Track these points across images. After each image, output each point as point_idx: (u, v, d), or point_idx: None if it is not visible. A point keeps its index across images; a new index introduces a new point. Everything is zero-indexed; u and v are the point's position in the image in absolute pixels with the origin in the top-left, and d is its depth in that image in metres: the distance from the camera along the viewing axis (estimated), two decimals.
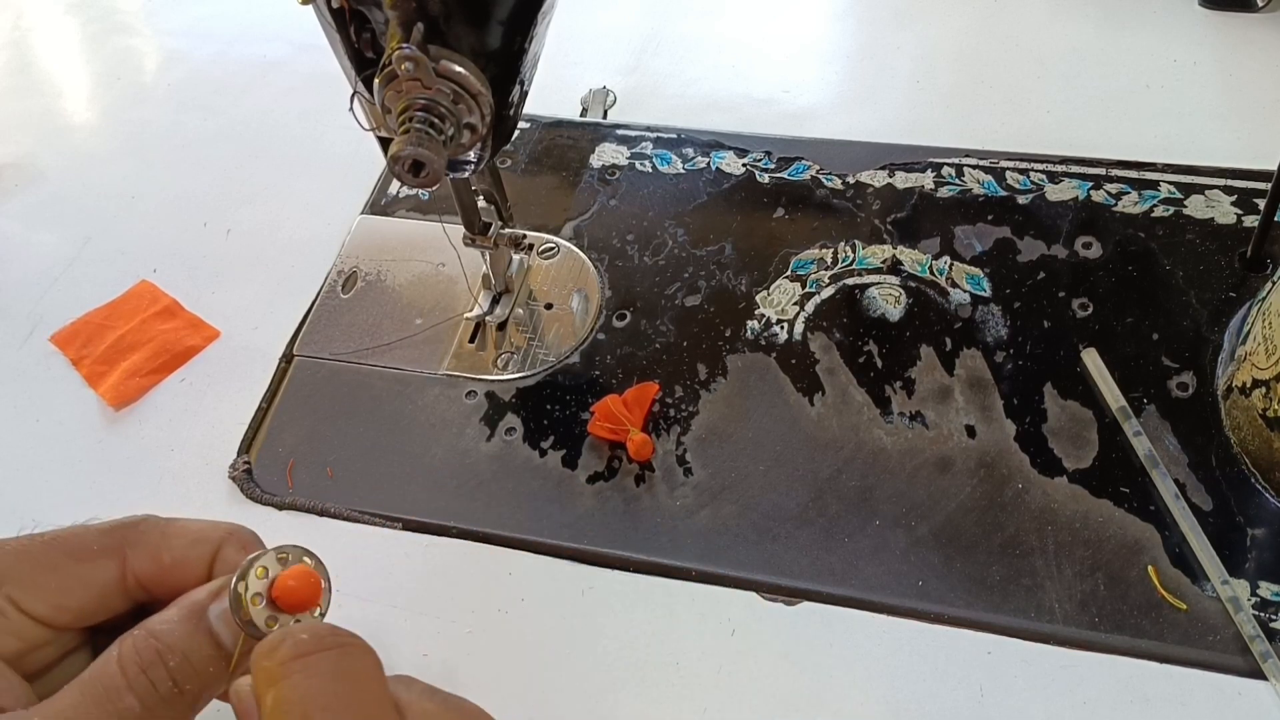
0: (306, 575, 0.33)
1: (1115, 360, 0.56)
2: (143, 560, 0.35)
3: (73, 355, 0.64)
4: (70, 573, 0.35)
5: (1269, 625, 0.47)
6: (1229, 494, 0.51)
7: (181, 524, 0.37)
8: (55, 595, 0.34)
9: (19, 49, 0.88)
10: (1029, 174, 0.65)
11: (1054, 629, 0.48)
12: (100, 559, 0.35)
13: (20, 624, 0.34)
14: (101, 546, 0.35)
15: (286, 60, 0.82)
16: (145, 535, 0.36)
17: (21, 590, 0.34)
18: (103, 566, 0.35)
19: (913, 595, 0.50)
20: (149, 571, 0.35)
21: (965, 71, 0.74)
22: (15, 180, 0.76)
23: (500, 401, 0.59)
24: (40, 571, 0.35)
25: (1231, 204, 0.62)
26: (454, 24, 0.43)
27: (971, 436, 0.55)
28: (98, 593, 0.35)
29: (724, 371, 0.59)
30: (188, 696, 0.33)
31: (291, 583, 0.33)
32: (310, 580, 0.33)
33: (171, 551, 0.35)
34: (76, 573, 0.35)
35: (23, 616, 0.34)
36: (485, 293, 0.63)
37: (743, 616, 0.50)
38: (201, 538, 0.36)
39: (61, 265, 0.70)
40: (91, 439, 0.61)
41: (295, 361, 0.63)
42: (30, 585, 0.34)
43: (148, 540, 0.36)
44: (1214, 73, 0.71)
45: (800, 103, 0.74)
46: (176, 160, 0.76)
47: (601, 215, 0.67)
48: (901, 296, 0.61)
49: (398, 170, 0.43)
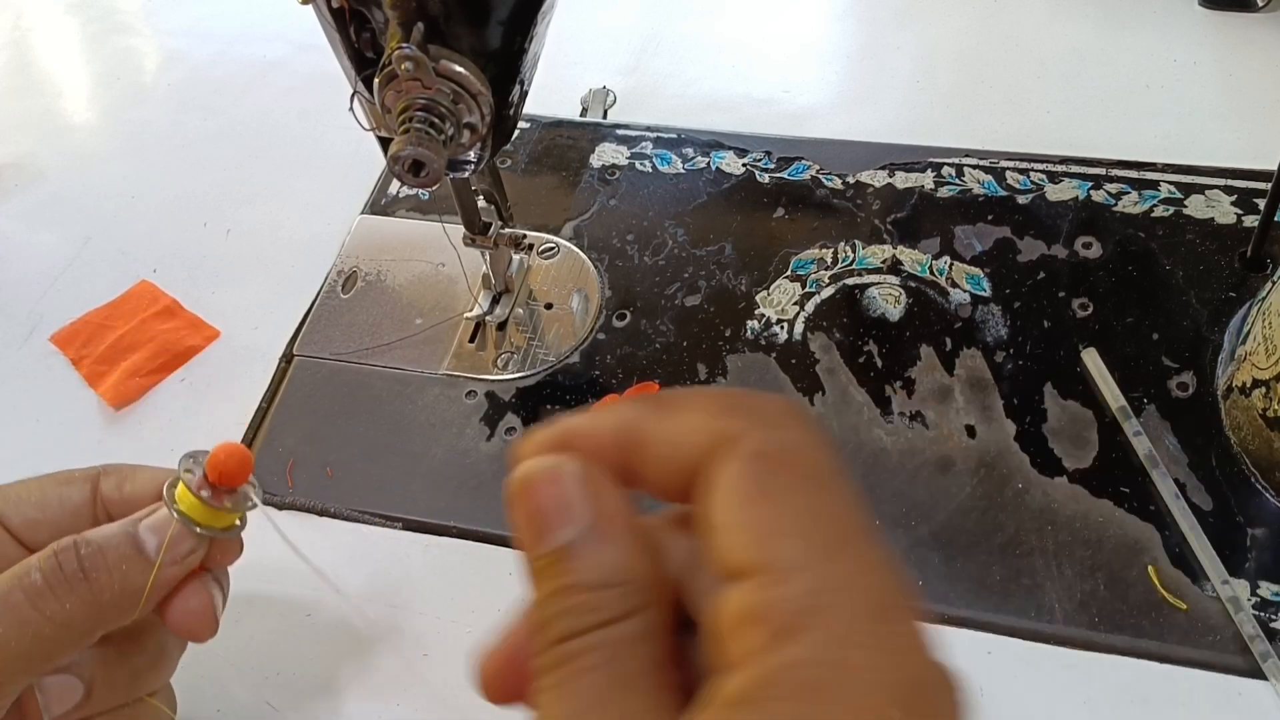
0: (230, 448, 0.38)
1: (1115, 360, 0.56)
2: (110, 487, 0.40)
3: (73, 355, 0.64)
4: (51, 491, 0.40)
5: (1269, 625, 0.47)
6: (1229, 494, 0.51)
7: (149, 468, 0.42)
8: (34, 509, 0.39)
9: (19, 49, 0.88)
10: (1029, 174, 0.65)
11: (1054, 629, 0.48)
12: (77, 483, 0.40)
13: (2, 544, 0.38)
14: (81, 474, 0.41)
15: (286, 60, 0.82)
16: (117, 469, 0.41)
17: (6, 506, 0.39)
18: (78, 488, 0.40)
19: (913, 595, 0.50)
20: (114, 499, 0.40)
21: (965, 71, 0.74)
22: (15, 180, 0.76)
23: (500, 401, 0.59)
24: (26, 489, 0.40)
25: (1231, 204, 0.62)
26: (454, 24, 0.43)
27: (971, 436, 0.55)
28: (71, 511, 0.39)
29: (724, 371, 0.59)
30: (94, 586, 0.35)
31: (222, 455, 0.37)
32: (235, 451, 0.38)
33: (134, 483, 0.40)
34: (56, 491, 0.40)
35: (4, 532, 0.38)
36: (485, 293, 0.63)
37: None
38: (161, 475, 0.40)
39: (61, 265, 0.70)
40: (91, 439, 0.61)
41: (295, 361, 0.63)
42: (15, 500, 0.39)
43: (118, 472, 0.41)
44: (1214, 73, 0.71)
45: (800, 103, 0.74)
46: (176, 160, 0.76)
47: (601, 215, 0.67)
48: (901, 296, 0.61)
49: (398, 170, 0.43)
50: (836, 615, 0.20)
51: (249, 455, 0.38)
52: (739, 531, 0.21)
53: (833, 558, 0.21)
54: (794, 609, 0.20)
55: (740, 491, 0.22)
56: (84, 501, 0.40)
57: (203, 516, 0.37)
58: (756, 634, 0.20)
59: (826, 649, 0.20)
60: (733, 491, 0.22)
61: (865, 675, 0.20)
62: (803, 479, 0.22)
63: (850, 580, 0.21)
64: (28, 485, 0.40)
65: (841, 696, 0.19)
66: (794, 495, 0.21)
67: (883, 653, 0.20)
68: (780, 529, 0.21)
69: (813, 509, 0.21)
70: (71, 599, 0.35)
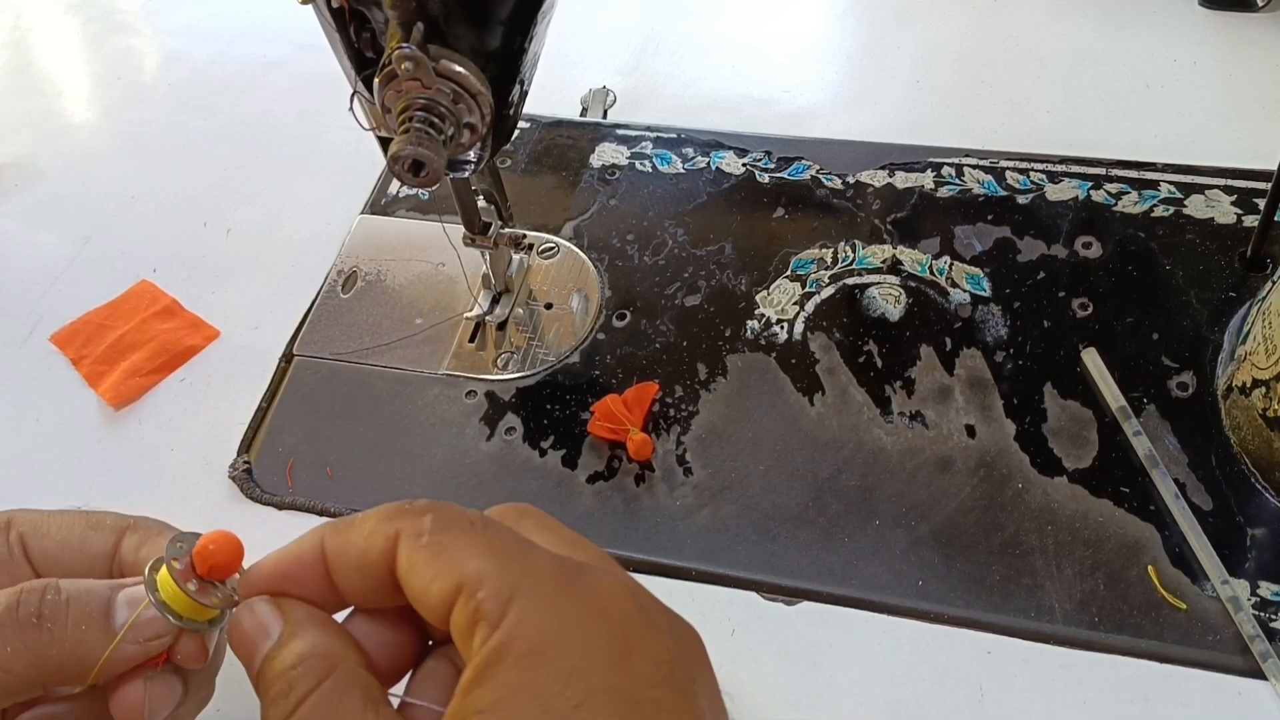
0: (221, 539, 0.35)
1: (1115, 360, 0.56)
2: (130, 546, 0.38)
3: (73, 355, 0.64)
4: (76, 532, 0.37)
5: (1269, 625, 0.47)
6: (1229, 494, 0.51)
7: (169, 531, 0.39)
8: (56, 546, 0.37)
9: (19, 49, 0.88)
10: (1029, 174, 0.65)
11: (1054, 629, 0.48)
12: (105, 531, 0.38)
13: (20, 566, 0.36)
14: (112, 522, 0.38)
15: (286, 60, 0.83)
16: (145, 527, 0.38)
17: (33, 534, 0.37)
18: (103, 538, 0.38)
19: (913, 595, 0.50)
20: (129, 559, 0.37)
21: (965, 71, 0.74)
22: (15, 180, 0.76)
23: (500, 401, 0.59)
24: (56, 522, 0.38)
25: (1231, 204, 0.62)
26: (454, 24, 0.43)
27: (971, 436, 0.55)
28: (88, 560, 0.37)
29: (724, 371, 0.59)
30: (43, 637, 0.32)
31: (211, 546, 0.34)
32: (226, 543, 0.35)
33: (150, 548, 0.37)
34: (81, 534, 0.37)
35: (24, 560, 0.36)
36: (485, 292, 0.63)
37: (743, 616, 0.50)
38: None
39: (61, 265, 0.70)
40: (91, 439, 0.61)
41: (295, 361, 0.63)
42: (42, 530, 0.37)
43: (144, 531, 0.38)
44: (1214, 73, 0.71)
45: (800, 103, 0.74)
46: (176, 160, 0.76)
47: (601, 215, 0.67)
48: (901, 296, 0.61)
49: (398, 170, 0.43)
50: (529, 594, 0.26)
51: (240, 548, 0.35)
52: (432, 580, 0.27)
53: (506, 562, 0.27)
54: (493, 603, 0.26)
55: (417, 559, 0.28)
56: (104, 553, 0.37)
57: (180, 605, 0.33)
58: (477, 633, 0.26)
59: (527, 622, 0.25)
60: (412, 563, 0.28)
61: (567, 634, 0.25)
62: (461, 531, 0.28)
63: (528, 571, 0.27)
64: (59, 518, 0.38)
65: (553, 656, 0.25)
66: (458, 541, 0.28)
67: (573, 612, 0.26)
68: (458, 562, 0.27)
69: (477, 543, 0.27)
70: (14, 643, 0.32)
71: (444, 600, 0.27)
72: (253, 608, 0.31)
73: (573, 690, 0.25)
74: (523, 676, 0.25)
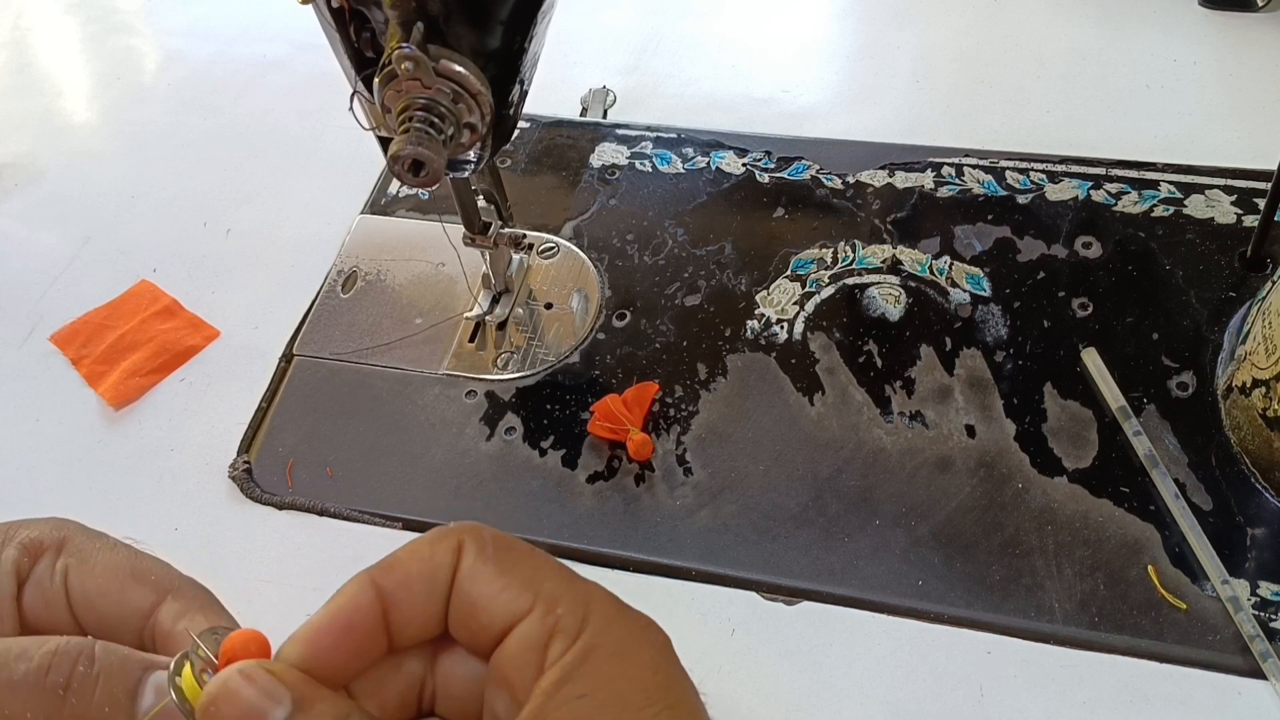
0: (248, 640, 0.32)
1: (1115, 360, 0.56)
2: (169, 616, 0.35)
3: (73, 355, 0.64)
4: (119, 581, 0.35)
5: (1269, 625, 0.47)
6: (1229, 494, 0.51)
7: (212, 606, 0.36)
8: (97, 591, 0.34)
9: (19, 49, 0.88)
10: (1029, 174, 0.65)
11: (1054, 629, 0.48)
12: (147, 589, 0.35)
13: (55, 599, 0.34)
14: (157, 576, 0.36)
15: (286, 60, 0.82)
16: (187, 596, 0.36)
17: (78, 569, 0.34)
18: (142, 596, 0.35)
19: (913, 595, 0.50)
20: (164, 629, 0.35)
21: (965, 71, 0.74)
22: (15, 180, 0.76)
23: (500, 401, 0.59)
24: (103, 563, 0.35)
25: (1231, 204, 0.62)
26: (454, 24, 0.43)
27: (971, 436, 0.55)
28: (125, 612, 0.35)
29: (724, 371, 0.59)
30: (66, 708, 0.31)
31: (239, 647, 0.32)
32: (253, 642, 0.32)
33: (190, 622, 0.35)
34: (122, 584, 0.35)
35: (63, 594, 0.34)
36: (485, 292, 0.63)
37: (743, 616, 0.50)
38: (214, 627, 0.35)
39: (61, 265, 0.70)
40: (91, 439, 0.61)
41: (295, 361, 0.63)
42: (87, 569, 0.35)
43: (185, 600, 0.36)
44: (1214, 73, 0.71)
45: (800, 103, 0.74)
46: (176, 160, 0.76)
47: (601, 215, 0.67)
48: (901, 296, 0.61)
49: (398, 170, 0.43)
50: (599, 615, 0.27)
51: (267, 648, 0.32)
52: (502, 592, 0.28)
53: (576, 583, 0.28)
54: (570, 620, 0.27)
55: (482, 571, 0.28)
56: (141, 610, 0.35)
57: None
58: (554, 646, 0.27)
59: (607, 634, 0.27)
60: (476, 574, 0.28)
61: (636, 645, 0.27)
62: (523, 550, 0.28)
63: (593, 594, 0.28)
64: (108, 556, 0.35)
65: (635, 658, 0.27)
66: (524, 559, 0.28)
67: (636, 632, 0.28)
68: (531, 579, 0.28)
69: (543, 563, 0.28)
70: (34, 709, 0.30)
71: (513, 615, 0.27)
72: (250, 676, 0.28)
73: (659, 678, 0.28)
74: (616, 668, 0.27)
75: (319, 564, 0.54)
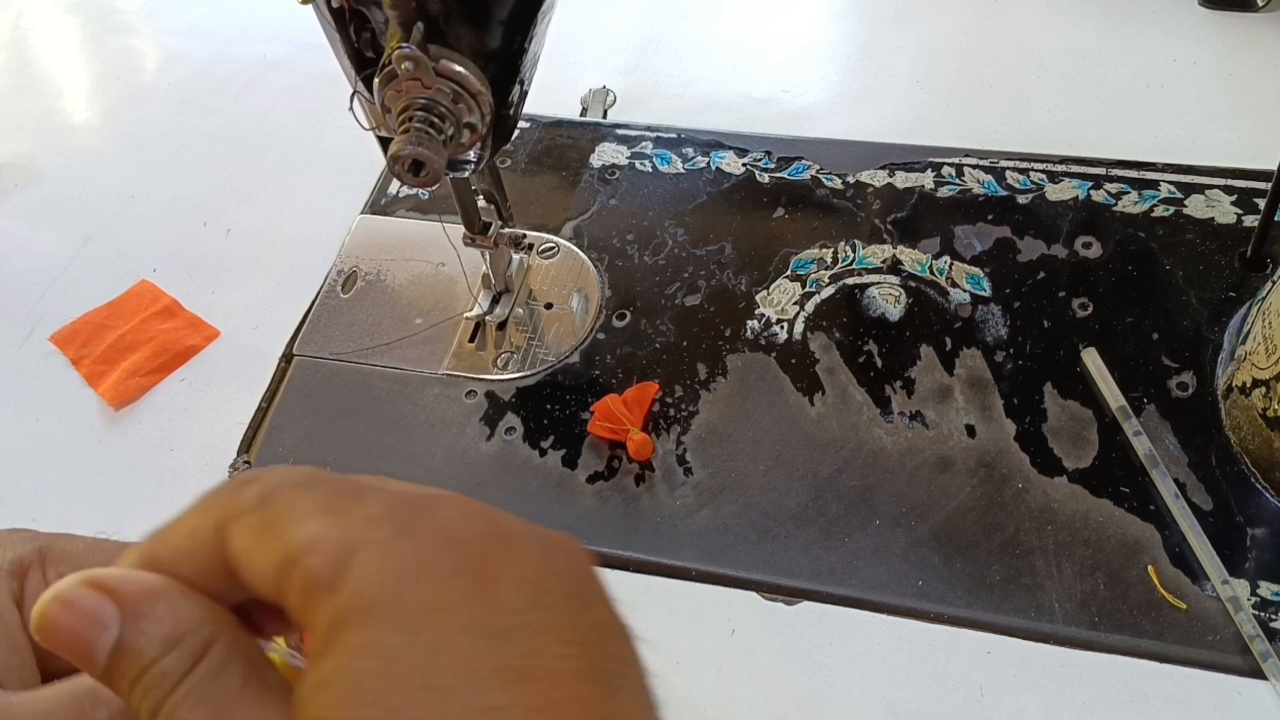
0: None
1: (1115, 360, 0.56)
2: None
3: (73, 355, 0.64)
4: None
5: (1269, 625, 0.47)
6: (1229, 494, 0.51)
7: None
8: None
9: (19, 48, 0.88)
10: (1029, 174, 0.65)
11: (1054, 629, 0.48)
12: None
13: None
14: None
15: (286, 60, 0.82)
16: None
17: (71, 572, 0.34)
18: None
19: (913, 595, 0.50)
20: None
21: (965, 71, 0.74)
22: (15, 180, 0.76)
23: (500, 401, 0.59)
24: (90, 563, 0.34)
25: (1231, 204, 0.62)
26: (454, 24, 0.43)
27: (971, 436, 0.55)
28: None
29: (724, 371, 0.59)
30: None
31: None
32: None
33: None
34: None
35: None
36: (485, 292, 0.63)
37: (743, 616, 0.50)
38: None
39: (61, 265, 0.70)
40: (91, 439, 0.61)
41: (295, 361, 0.63)
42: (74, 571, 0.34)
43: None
44: (1214, 73, 0.71)
45: (800, 103, 0.74)
46: (176, 160, 0.76)
47: (601, 215, 0.67)
48: (901, 296, 0.61)
49: (398, 170, 0.43)
50: (366, 546, 0.22)
51: None
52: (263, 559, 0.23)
53: (335, 517, 0.23)
54: (326, 567, 0.22)
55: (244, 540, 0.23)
56: None
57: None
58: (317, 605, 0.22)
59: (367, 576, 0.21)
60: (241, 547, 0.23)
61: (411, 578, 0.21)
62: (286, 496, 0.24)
63: (361, 520, 0.23)
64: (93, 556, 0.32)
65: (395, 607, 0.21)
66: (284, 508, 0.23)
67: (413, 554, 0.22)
68: (283, 530, 0.23)
69: (303, 504, 0.23)
70: None
71: (277, 580, 0.23)
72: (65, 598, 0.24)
73: (424, 638, 0.21)
74: (365, 636, 0.21)
75: None
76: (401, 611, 0.21)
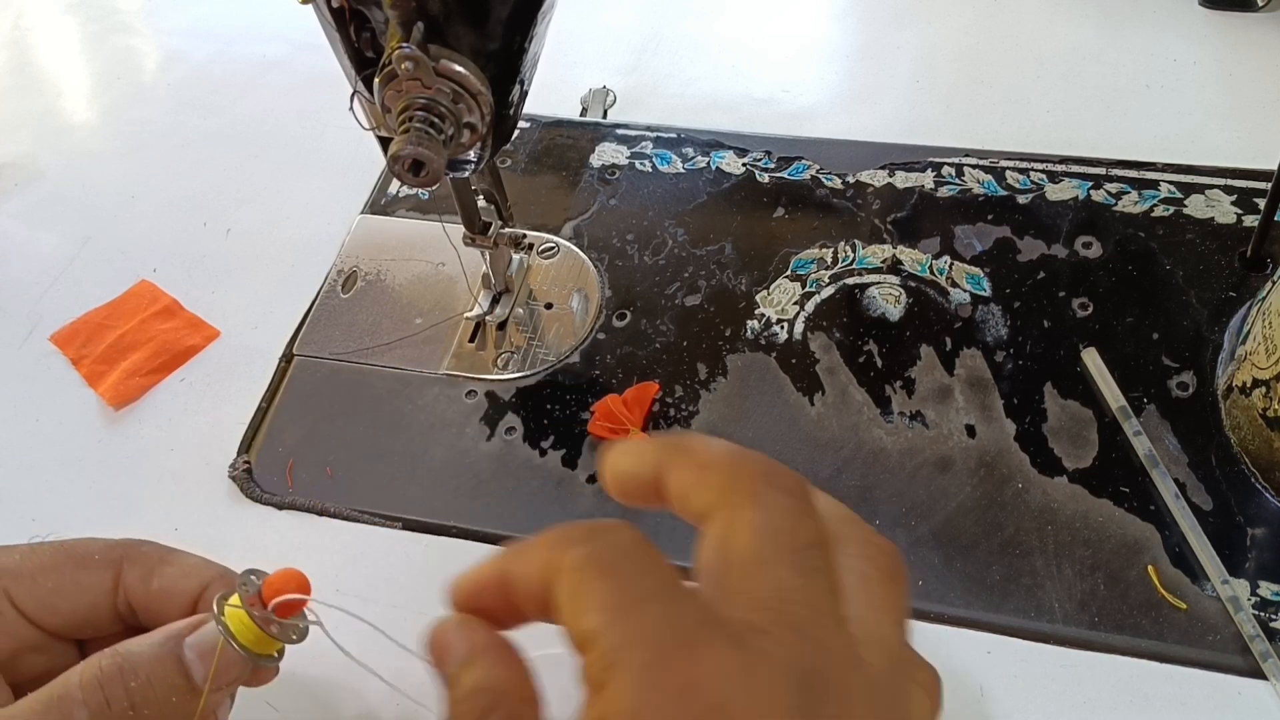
0: (290, 576, 0.34)
1: (1115, 360, 0.56)
2: (135, 579, 0.36)
3: (72, 355, 0.64)
4: (68, 575, 0.36)
5: (1269, 625, 0.47)
6: (1229, 494, 0.51)
7: (178, 554, 0.38)
8: (50, 594, 0.35)
9: (19, 48, 0.88)
10: (1029, 174, 0.65)
11: (1054, 629, 0.48)
12: (98, 568, 0.36)
13: (12, 621, 0.35)
14: (102, 556, 0.36)
15: (286, 60, 0.83)
16: (144, 556, 0.37)
17: (19, 585, 0.35)
18: (98, 575, 0.36)
19: (912, 595, 0.50)
20: (138, 592, 0.36)
21: (965, 71, 0.74)
22: (15, 180, 0.76)
23: (500, 401, 0.59)
24: (41, 570, 0.35)
25: (1231, 204, 0.62)
26: (454, 24, 0.43)
27: (971, 436, 0.55)
28: (89, 600, 0.36)
29: (724, 371, 0.59)
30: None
31: (279, 582, 0.34)
32: (295, 577, 0.34)
33: (162, 578, 0.36)
34: (74, 576, 0.36)
35: (15, 613, 0.35)
36: (485, 292, 0.63)
37: None
38: (192, 572, 0.37)
39: (61, 265, 0.70)
40: (91, 439, 0.61)
41: (295, 361, 0.63)
42: (28, 581, 0.35)
43: (144, 561, 0.37)
44: (1214, 73, 0.71)
45: (800, 102, 0.74)
46: (176, 160, 0.76)
47: (601, 215, 0.67)
48: (901, 296, 0.61)
49: (398, 170, 0.43)
50: (624, 668, 0.24)
51: (307, 583, 0.35)
52: (568, 623, 0.27)
53: (616, 620, 0.25)
54: (596, 671, 0.25)
55: (562, 597, 0.27)
56: (103, 590, 0.36)
57: (251, 641, 0.34)
58: (587, 698, 0.25)
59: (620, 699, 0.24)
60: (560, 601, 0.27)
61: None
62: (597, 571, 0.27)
63: (632, 637, 0.25)
64: (39, 560, 0.36)
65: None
66: (590, 584, 0.27)
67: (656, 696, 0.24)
68: (580, 612, 0.26)
69: (600, 591, 0.26)
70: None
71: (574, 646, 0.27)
72: (445, 626, 0.31)
73: None
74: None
75: (319, 564, 0.54)
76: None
